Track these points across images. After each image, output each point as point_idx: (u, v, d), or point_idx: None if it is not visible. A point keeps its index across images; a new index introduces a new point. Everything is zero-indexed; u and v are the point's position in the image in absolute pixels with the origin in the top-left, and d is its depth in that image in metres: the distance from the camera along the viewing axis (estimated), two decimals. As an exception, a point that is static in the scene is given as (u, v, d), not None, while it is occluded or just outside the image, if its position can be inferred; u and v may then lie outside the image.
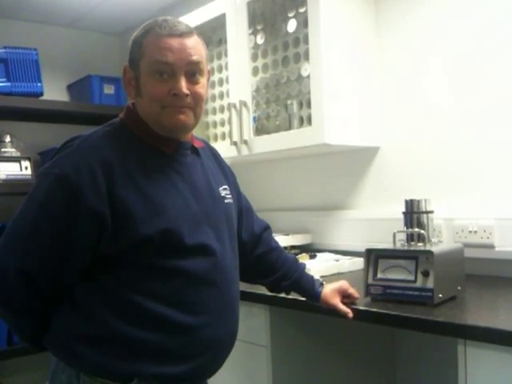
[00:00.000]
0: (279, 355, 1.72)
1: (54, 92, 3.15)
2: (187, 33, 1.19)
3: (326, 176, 2.38)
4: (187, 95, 1.18)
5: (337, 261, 2.03)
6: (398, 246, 1.55)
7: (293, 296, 1.52)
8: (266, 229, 1.53)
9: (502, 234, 1.73)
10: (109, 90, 3.17)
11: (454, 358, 1.24)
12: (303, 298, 1.49)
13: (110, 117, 3.25)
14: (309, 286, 1.46)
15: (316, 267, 1.88)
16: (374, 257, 1.51)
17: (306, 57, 2.03)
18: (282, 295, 1.53)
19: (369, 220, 2.11)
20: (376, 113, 2.11)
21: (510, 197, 1.75)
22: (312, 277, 1.49)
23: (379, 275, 1.49)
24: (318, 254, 2.14)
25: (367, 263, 1.51)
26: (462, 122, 1.82)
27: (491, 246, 1.75)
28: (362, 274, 1.52)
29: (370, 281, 1.50)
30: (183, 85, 1.17)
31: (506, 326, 1.16)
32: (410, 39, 1.81)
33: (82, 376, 1.14)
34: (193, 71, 1.20)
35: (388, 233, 1.58)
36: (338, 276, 1.89)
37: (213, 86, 2.52)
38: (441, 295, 1.40)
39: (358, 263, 1.94)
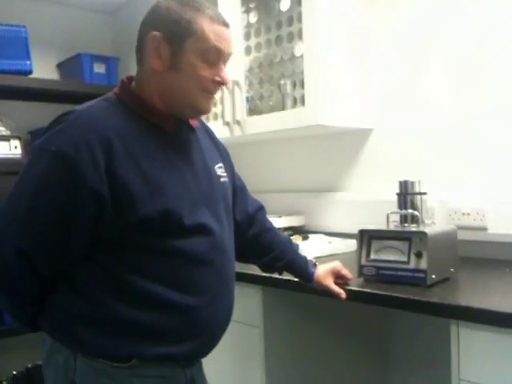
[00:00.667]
0: (272, 336, 1.72)
1: (44, 70, 3.09)
2: (228, 24, 1.23)
3: (319, 157, 2.37)
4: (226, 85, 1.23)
5: (330, 242, 2.02)
6: (392, 227, 1.54)
7: (286, 277, 1.52)
8: (260, 209, 1.52)
9: (495, 216, 1.73)
10: (99, 68, 3.12)
11: (447, 339, 1.24)
12: (296, 279, 1.48)
13: (100, 96, 3.21)
14: (302, 267, 1.45)
15: (309, 249, 1.87)
16: (367, 238, 1.51)
17: (300, 36, 2.00)
18: (276, 276, 1.53)
19: (362, 202, 2.11)
20: (370, 94, 2.10)
21: (503, 180, 1.75)
22: (305, 258, 1.48)
23: (372, 256, 1.49)
24: (311, 236, 2.13)
25: (360, 244, 1.51)
26: (456, 111, 1.81)
27: (484, 229, 1.76)
28: (355, 255, 1.52)
29: (363, 261, 1.49)
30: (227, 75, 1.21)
31: (498, 307, 1.16)
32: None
33: (80, 357, 1.13)
34: (226, 63, 1.23)
35: (381, 215, 1.57)
36: (331, 257, 1.88)
37: (205, 65, 2.48)
38: (434, 276, 1.40)
39: (351, 245, 1.94)
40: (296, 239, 2.06)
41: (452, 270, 1.50)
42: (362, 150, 2.19)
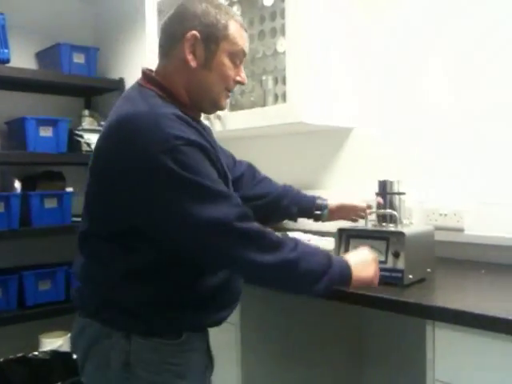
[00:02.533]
0: (248, 333, 1.71)
1: (22, 59, 3.04)
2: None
3: (298, 155, 2.36)
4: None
5: (308, 240, 2.00)
6: (370, 226, 1.54)
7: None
8: (249, 169, 1.67)
9: (472, 218, 1.74)
10: (79, 59, 3.08)
11: (422, 339, 1.25)
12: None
13: (79, 87, 3.17)
14: (310, 200, 1.67)
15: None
16: (345, 236, 1.50)
17: (283, 32, 1.99)
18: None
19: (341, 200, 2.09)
20: (351, 93, 2.09)
21: (481, 181, 1.76)
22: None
23: (350, 255, 1.48)
24: (290, 234, 2.12)
25: (339, 243, 1.51)
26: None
27: (461, 230, 1.76)
28: (334, 253, 1.51)
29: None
30: None
31: (474, 308, 1.16)
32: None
33: (135, 338, 1.20)
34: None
35: (360, 214, 1.56)
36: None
37: (187, 58, 2.46)
38: (411, 276, 1.40)
39: (330, 243, 1.93)
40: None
41: (429, 270, 1.50)
42: (342, 149, 2.18)
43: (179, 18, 1.28)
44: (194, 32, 1.24)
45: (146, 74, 1.31)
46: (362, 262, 1.30)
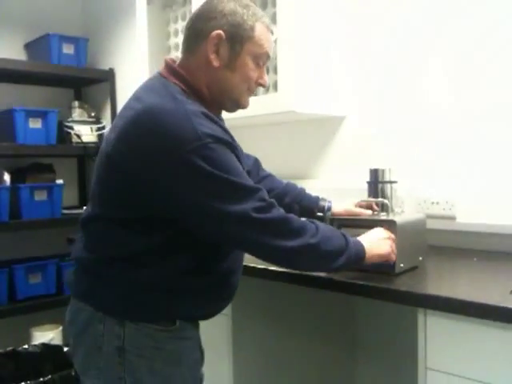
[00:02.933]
0: (240, 324, 1.70)
1: (11, 50, 3.01)
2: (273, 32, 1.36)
3: (290, 145, 2.35)
4: None
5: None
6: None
7: (254, 264, 1.50)
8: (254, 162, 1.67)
9: (464, 206, 1.74)
10: (68, 49, 3.04)
11: (414, 328, 1.24)
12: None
13: (68, 78, 3.14)
14: (312, 200, 1.65)
15: None
16: (336, 225, 1.49)
17: (274, 20, 1.97)
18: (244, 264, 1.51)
19: (333, 189, 2.07)
20: (343, 81, 2.08)
21: (471, 170, 1.76)
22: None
23: (342, 245, 1.47)
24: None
25: (330, 232, 1.49)
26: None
27: (453, 218, 1.76)
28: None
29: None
30: None
31: (465, 296, 1.16)
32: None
33: (128, 324, 1.20)
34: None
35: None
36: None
37: (176, 48, 2.44)
38: (402, 265, 1.39)
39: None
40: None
41: (420, 258, 1.50)
42: (335, 138, 2.17)
43: (206, 15, 1.26)
44: (219, 31, 1.23)
45: (170, 65, 1.29)
46: (376, 239, 1.35)
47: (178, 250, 1.21)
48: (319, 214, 1.60)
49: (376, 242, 1.33)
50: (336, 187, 2.08)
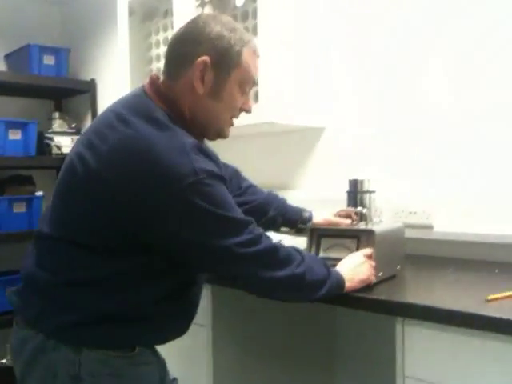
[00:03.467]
0: (220, 335, 1.70)
1: (-10, 61, 3.00)
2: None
3: (270, 155, 2.35)
4: None
5: (280, 241, 2.00)
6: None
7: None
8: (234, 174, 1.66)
9: (441, 215, 1.76)
10: (49, 60, 3.04)
11: (393, 336, 1.25)
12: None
13: (49, 88, 3.13)
14: (296, 212, 1.65)
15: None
16: (316, 236, 1.50)
17: (255, 32, 1.99)
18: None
19: (313, 201, 2.09)
20: (322, 92, 2.10)
21: (447, 179, 1.77)
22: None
23: (321, 254, 1.48)
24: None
25: (310, 242, 1.50)
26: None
27: (430, 227, 1.78)
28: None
29: (314, 260, 1.49)
30: None
31: (443, 304, 1.17)
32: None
33: (85, 351, 1.13)
34: None
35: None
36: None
37: (158, 59, 2.45)
38: (380, 274, 1.40)
39: (302, 243, 1.93)
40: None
41: (398, 267, 1.51)
42: (314, 149, 2.18)
43: (192, 39, 1.21)
44: (206, 58, 1.18)
45: (156, 84, 1.23)
46: (354, 266, 1.33)
47: (145, 276, 1.16)
48: (302, 226, 1.61)
49: (354, 269, 1.32)
50: (316, 197, 2.09)
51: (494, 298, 1.19)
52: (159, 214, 1.09)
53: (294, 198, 2.16)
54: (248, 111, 1.30)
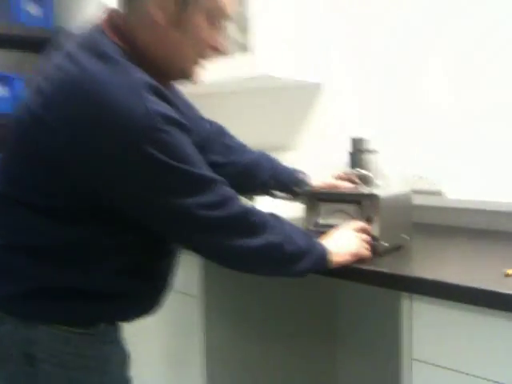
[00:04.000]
0: (211, 307, 1.57)
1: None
2: None
3: (266, 114, 2.21)
4: None
5: (277, 206, 1.88)
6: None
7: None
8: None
9: (451, 180, 1.64)
10: (33, 8, 2.83)
11: (399, 314, 1.12)
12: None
13: (35, 39, 2.92)
14: (290, 173, 1.48)
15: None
16: (314, 200, 1.36)
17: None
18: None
19: (312, 162, 1.95)
20: (321, 47, 1.94)
21: (459, 140, 1.65)
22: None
23: (320, 221, 1.34)
24: (257, 198, 1.97)
25: (307, 207, 1.36)
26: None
27: (439, 193, 1.66)
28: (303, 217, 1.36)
29: (310, 227, 1.35)
30: None
31: (455, 279, 1.03)
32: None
33: (40, 326, 1.00)
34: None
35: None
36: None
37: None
38: (386, 244, 1.26)
39: (300, 208, 1.80)
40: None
41: (405, 236, 1.37)
42: (313, 107, 2.04)
43: None
44: None
45: (113, 18, 1.04)
46: (342, 237, 1.20)
47: (99, 248, 1.01)
48: (297, 189, 1.46)
49: (342, 240, 1.18)
50: (315, 159, 1.96)
51: (513, 272, 1.05)
52: (107, 167, 0.93)
53: (292, 159, 2.04)
54: (220, 50, 1.09)
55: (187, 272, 1.56)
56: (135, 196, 0.96)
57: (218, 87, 2.12)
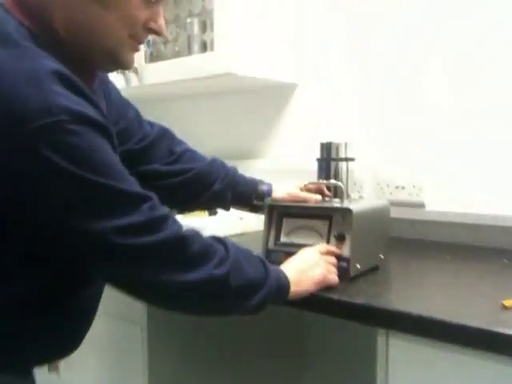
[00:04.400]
0: (157, 334, 1.37)
1: None
2: None
3: (232, 119, 2.06)
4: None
5: (241, 219, 1.70)
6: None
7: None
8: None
9: (434, 190, 1.52)
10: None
11: (374, 351, 0.93)
12: None
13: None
14: (249, 184, 1.29)
15: (215, 226, 1.55)
16: (277, 215, 1.17)
17: None
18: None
19: (280, 171, 1.78)
20: (292, 45, 1.80)
21: (443, 145, 1.54)
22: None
23: (283, 239, 1.16)
24: (221, 211, 1.79)
25: (268, 223, 1.17)
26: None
27: (421, 205, 1.52)
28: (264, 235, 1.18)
29: (271, 245, 1.16)
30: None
31: (443, 312, 0.85)
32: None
33: None
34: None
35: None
36: (241, 237, 1.58)
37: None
38: (359, 266, 1.08)
39: (256, 226, 1.63)
40: (201, 214, 1.72)
41: (382, 256, 1.19)
42: (283, 110, 1.89)
43: None
44: None
45: (35, 12, 0.84)
46: (304, 264, 1.00)
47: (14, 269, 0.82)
48: (258, 202, 1.27)
49: (304, 268, 0.99)
50: (284, 168, 1.79)
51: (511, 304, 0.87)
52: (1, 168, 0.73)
53: (257, 168, 1.89)
54: (158, 32, 0.92)
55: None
56: (35, 213, 0.76)
57: (175, 89, 1.95)
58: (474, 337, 0.79)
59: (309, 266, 0.99)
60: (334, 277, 1.02)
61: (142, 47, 1.82)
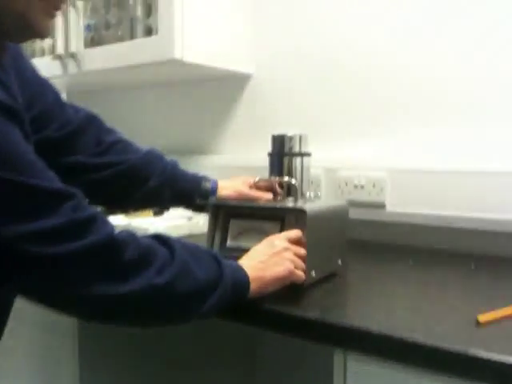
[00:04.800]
0: (87, 346, 1.23)
1: None
2: None
3: (181, 112, 1.94)
4: None
5: (190, 219, 1.58)
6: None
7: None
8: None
9: (396, 190, 1.43)
10: None
11: (330, 371, 0.81)
12: None
13: None
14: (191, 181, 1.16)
15: (160, 226, 1.46)
16: (222, 216, 1.04)
17: None
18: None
19: (231, 168, 1.67)
20: (248, 31, 1.68)
21: (407, 141, 1.47)
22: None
23: (229, 242, 1.03)
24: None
25: (213, 224, 1.04)
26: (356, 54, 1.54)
27: (382, 206, 1.43)
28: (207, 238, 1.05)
29: (217, 249, 1.03)
30: None
31: (408, 330, 0.73)
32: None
33: None
34: None
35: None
36: (189, 239, 1.44)
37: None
38: (314, 274, 0.96)
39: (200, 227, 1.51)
40: (145, 214, 1.59)
41: (340, 262, 1.08)
42: (236, 103, 1.78)
43: None
44: None
45: None
46: (265, 256, 0.89)
47: None
48: (201, 201, 1.13)
49: (266, 261, 0.88)
50: (235, 164, 1.68)
51: (487, 319, 0.76)
52: None
53: (206, 164, 1.78)
54: None
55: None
56: None
57: (118, 78, 1.82)
58: (446, 360, 0.67)
59: (273, 259, 0.87)
60: (300, 273, 0.90)
61: (82, 31, 1.68)
